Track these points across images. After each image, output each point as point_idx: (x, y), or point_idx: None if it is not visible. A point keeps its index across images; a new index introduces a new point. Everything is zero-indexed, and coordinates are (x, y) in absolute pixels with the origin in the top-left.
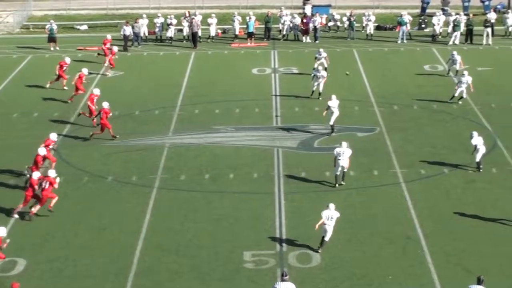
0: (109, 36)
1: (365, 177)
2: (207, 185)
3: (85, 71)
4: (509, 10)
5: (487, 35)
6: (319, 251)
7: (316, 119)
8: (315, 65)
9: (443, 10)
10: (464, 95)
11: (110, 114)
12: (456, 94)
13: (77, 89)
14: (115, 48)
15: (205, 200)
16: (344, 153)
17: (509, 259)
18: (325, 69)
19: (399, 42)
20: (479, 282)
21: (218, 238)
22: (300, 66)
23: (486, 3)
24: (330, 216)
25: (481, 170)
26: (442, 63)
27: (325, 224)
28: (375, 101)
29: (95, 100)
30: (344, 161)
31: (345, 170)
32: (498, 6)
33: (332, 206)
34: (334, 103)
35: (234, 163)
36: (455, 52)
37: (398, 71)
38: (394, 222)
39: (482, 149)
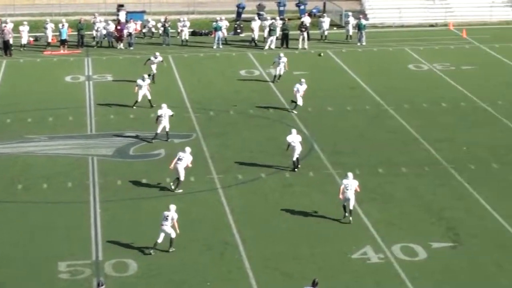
0: None
1: (183, 184)
2: (20, 195)
3: None
4: (325, 14)
5: (303, 39)
6: (169, 250)
7: (131, 126)
8: (153, 69)
9: (258, 14)
10: (300, 102)
11: None
12: (299, 102)
13: None
14: None
15: (18, 211)
16: (183, 159)
17: (327, 261)
18: (149, 75)
19: (215, 47)
20: (313, 284)
21: (31, 249)
22: (115, 73)
23: (302, 7)
24: (165, 217)
25: (296, 169)
26: (258, 68)
27: (162, 225)
28: (191, 107)
29: None
30: (181, 166)
31: (180, 177)
32: (314, 10)
33: (172, 207)
34: (163, 111)
35: (47, 172)
36: (282, 54)
37: (214, 76)
38: (212, 228)
39: (298, 147)
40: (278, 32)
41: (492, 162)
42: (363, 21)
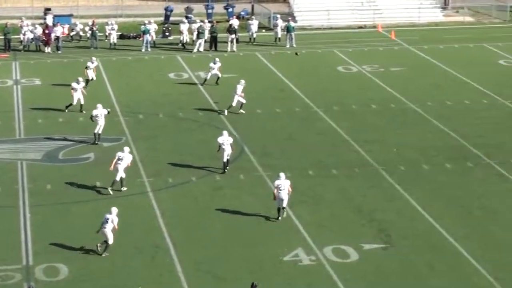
0: None
1: (116, 185)
2: None
3: None
4: (253, 17)
5: (232, 41)
6: (103, 254)
7: (60, 130)
8: (90, 76)
9: (187, 17)
10: (243, 101)
11: None
12: (234, 104)
13: None
14: None
15: None
16: (124, 159)
17: (259, 264)
18: (86, 80)
19: (143, 50)
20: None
21: None
22: (43, 77)
23: (230, 10)
24: (106, 219)
25: (226, 171)
26: (187, 71)
27: (103, 227)
28: (120, 111)
29: None
30: (121, 167)
31: (121, 176)
32: (242, 13)
33: (114, 210)
34: (99, 111)
35: None
36: (217, 59)
37: (142, 79)
38: (142, 231)
39: (228, 149)
40: (207, 35)
41: (422, 163)
42: (292, 23)
